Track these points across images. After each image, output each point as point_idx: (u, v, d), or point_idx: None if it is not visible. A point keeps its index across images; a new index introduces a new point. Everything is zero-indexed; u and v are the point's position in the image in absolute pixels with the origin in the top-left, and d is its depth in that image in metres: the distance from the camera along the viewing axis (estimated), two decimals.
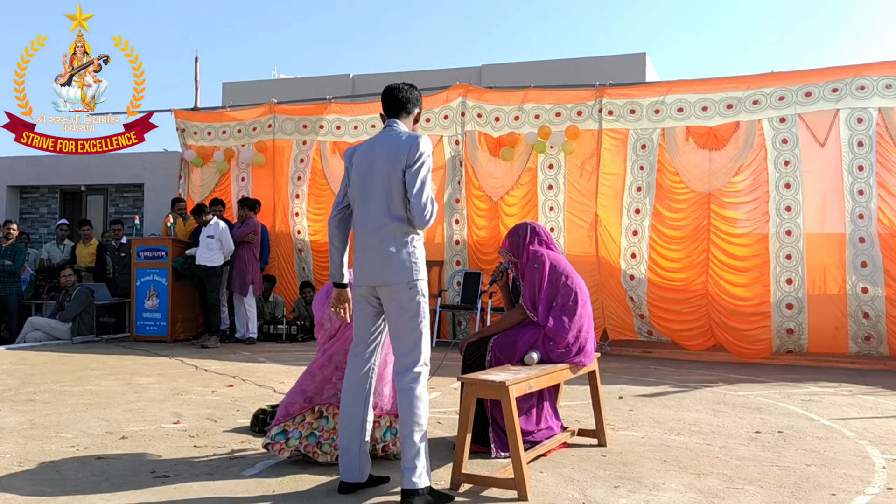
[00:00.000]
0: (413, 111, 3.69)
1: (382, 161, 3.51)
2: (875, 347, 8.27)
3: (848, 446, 4.59)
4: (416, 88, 3.72)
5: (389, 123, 3.65)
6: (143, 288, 9.95)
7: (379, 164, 3.52)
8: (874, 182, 8.24)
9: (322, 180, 10.81)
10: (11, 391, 6.06)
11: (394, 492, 3.57)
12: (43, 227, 14.73)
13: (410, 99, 3.67)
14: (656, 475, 3.91)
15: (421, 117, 3.81)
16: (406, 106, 3.67)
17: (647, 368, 7.92)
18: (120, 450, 4.27)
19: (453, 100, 10.04)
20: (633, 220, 9.22)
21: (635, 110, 9.19)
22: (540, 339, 4.26)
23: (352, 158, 3.67)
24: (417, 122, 3.74)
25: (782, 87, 8.62)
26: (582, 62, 13.25)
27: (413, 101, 3.68)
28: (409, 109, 3.67)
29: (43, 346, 9.16)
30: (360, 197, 3.57)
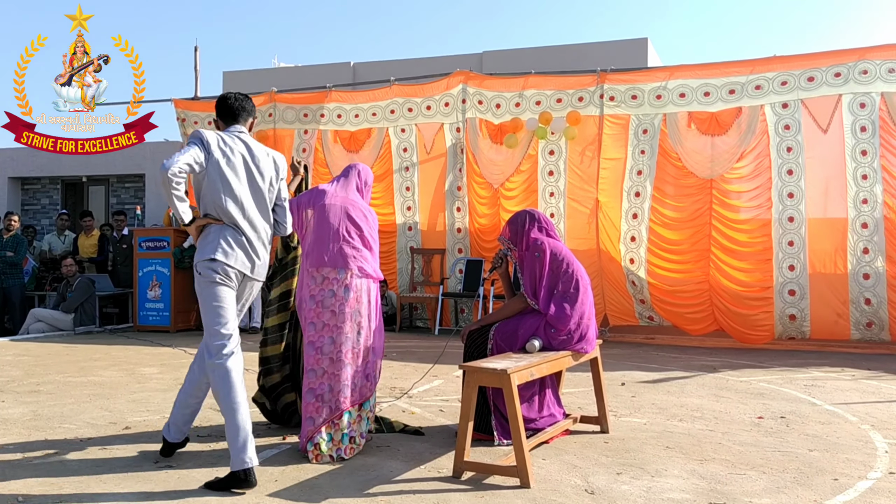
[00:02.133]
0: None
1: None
2: (877, 334, 8.27)
3: (850, 431, 4.59)
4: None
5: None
6: (146, 278, 9.97)
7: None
8: (878, 166, 8.22)
9: (324, 169, 10.79)
10: (15, 382, 6.08)
11: (396, 479, 3.58)
12: (45, 219, 14.75)
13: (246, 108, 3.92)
14: (659, 461, 3.91)
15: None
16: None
17: (650, 355, 7.92)
18: (123, 440, 4.29)
19: (454, 87, 10.00)
20: (632, 203, 9.20)
21: (637, 96, 9.15)
22: (541, 327, 4.25)
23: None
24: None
25: (785, 72, 8.58)
26: (583, 48, 13.17)
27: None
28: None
29: (46, 337, 9.18)
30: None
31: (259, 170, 3.75)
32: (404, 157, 10.40)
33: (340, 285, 4.02)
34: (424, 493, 3.40)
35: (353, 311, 4.04)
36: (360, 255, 4.10)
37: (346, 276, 4.04)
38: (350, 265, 4.05)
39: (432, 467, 3.80)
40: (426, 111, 10.18)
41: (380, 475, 3.66)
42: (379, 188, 10.47)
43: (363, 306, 4.09)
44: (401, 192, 10.42)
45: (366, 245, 4.16)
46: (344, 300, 4.01)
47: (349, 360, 4.01)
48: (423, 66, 12.15)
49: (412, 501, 3.28)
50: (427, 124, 10.21)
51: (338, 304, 4.01)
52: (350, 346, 4.02)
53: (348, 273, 4.04)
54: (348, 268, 4.05)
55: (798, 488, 3.49)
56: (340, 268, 4.04)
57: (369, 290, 4.13)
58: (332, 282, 4.03)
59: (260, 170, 3.76)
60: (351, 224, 4.13)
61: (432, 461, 3.90)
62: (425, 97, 10.19)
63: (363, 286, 4.09)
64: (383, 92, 10.46)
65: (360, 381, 4.07)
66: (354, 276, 4.05)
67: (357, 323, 4.05)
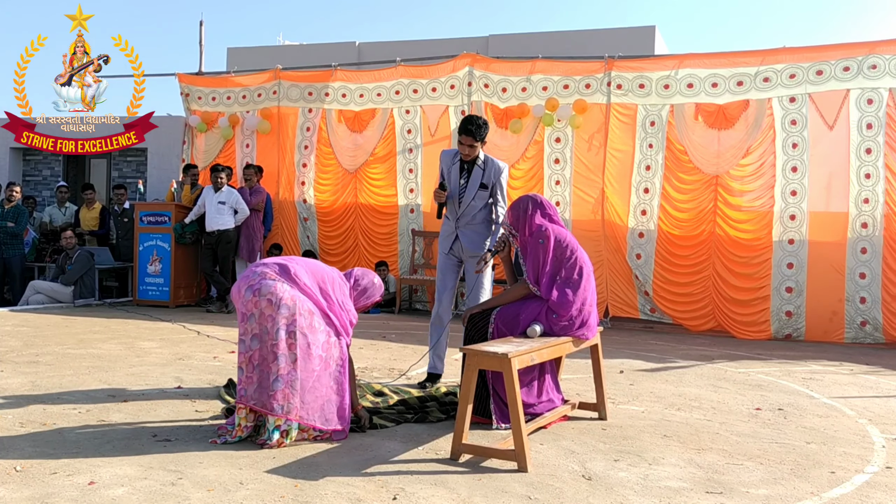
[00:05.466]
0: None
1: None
2: (871, 333, 8.27)
3: (848, 425, 4.60)
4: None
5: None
6: (146, 253, 9.96)
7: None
8: (882, 165, 8.19)
9: (327, 149, 10.76)
10: (14, 353, 6.08)
11: (394, 460, 3.59)
12: (46, 190, 14.72)
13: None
14: (656, 449, 3.92)
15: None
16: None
17: (649, 344, 7.93)
18: (122, 413, 4.29)
19: (460, 69, 9.94)
20: (641, 199, 9.17)
21: (644, 84, 9.09)
22: (543, 312, 4.24)
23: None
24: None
25: (793, 65, 8.52)
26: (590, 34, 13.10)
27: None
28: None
29: (45, 309, 9.19)
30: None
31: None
32: (408, 139, 10.35)
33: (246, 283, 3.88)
34: (422, 475, 3.40)
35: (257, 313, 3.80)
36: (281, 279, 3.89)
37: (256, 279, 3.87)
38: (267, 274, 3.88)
39: (430, 449, 3.81)
40: (431, 93, 10.12)
41: (378, 455, 3.66)
42: (382, 169, 10.45)
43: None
44: (404, 174, 10.39)
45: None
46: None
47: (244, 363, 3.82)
48: (428, 47, 12.08)
49: (410, 482, 3.29)
50: (432, 106, 10.16)
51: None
52: (244, 349, 3.82)
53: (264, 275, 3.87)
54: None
55: (795, 480, 3.50)
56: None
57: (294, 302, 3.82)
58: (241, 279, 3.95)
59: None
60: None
61: (430, 443, 3.91)
62: (431, 79, 10.13)
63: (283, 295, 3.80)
64: (388, 72, 10.40)
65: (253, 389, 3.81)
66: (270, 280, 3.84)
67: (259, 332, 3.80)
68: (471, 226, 5.23)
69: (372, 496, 3.10)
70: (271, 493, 3.09)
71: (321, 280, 4.00)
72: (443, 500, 3.08)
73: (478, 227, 5.23)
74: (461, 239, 5.24)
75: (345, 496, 3.09)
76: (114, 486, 3.09)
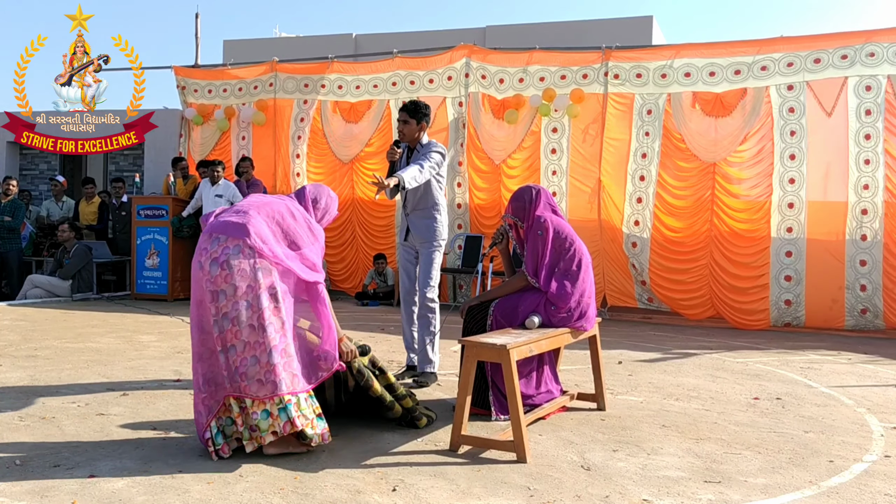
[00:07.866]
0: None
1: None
2: (871, 321, 8.29)
3: (846, 414, 4.61)
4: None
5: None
6: (144, 246, 9.95)
7: None
8: (881, 150, 8.19)
9: (322, 139, 10.74)
10: (13, 347, 6.07)
11: (393, 451, 3.59)
12: (43, 184, 14.67)
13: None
14: (655, 440, 3.92)
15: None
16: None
17: (647, 334, 7.93)
18: (121, 406, 4.29)
19: (457, 60, 9.91)
20: (637, 187, 9.17)
21: (641, 74, 9.08)
22: (542, 304, 4.24)
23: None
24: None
25: (791, 53, 8.51)
26: (587, 25, 13.07)
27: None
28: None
29: (44, 303, 9.18)
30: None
31: None
32: None
33: (208, 258, 3.43)
34: (421, 466, 3.40)
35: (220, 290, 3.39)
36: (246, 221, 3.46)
37: (217, 248, 3.43)
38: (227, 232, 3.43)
39: (429, 440, 3.81)
40: (428, 84, 10.11)
41: (377, 447, 3.66)
42: (378, 161, 10.43)
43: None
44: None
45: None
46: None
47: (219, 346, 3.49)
48: (424, 39, 12.04)
49: (409, 473, 3.29)
50: (429, 97, 10.12)
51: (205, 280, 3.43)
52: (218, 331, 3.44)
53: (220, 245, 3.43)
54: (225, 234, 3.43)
55: (793, 469, 3.51)
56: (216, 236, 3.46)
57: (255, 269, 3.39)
58: (201, 252, 3.47)
59: None
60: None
61: (429, 434, 3.91)
62: (428, 70, 10.11)
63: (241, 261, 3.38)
64: (385, 64, 10.37)
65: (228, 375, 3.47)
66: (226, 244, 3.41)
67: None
68: (417, 211, 5.28)
69: (371, 488, 3.10)
70: (271, 485, 3.09)
71: (286, 230, 3.56)
72: (442, 492, 3.09)
73: (425, 212, 5.26)
74: (411, 228, 5.31)
75: (344, 488, 3.09)
76: (113, 479, 3.09)
